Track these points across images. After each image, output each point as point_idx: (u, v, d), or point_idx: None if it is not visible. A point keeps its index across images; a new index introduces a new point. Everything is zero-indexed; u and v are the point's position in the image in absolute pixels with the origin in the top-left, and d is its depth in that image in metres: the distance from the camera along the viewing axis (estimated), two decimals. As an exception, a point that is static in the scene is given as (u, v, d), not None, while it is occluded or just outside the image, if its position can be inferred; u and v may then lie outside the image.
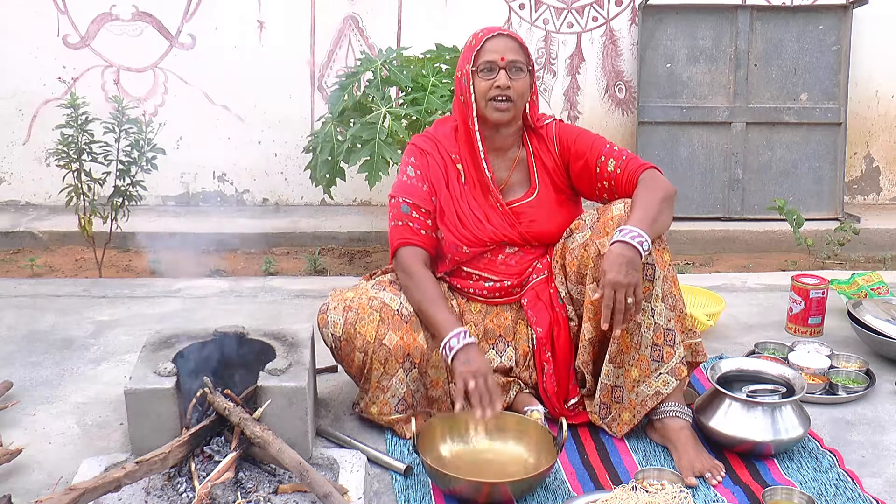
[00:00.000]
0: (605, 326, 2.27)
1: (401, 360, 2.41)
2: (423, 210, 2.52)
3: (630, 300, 2.23)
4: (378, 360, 2.40)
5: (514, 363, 2.59)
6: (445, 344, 2.31)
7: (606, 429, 2.51)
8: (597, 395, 2.50)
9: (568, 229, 2.58)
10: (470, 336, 2.32)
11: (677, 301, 2.43)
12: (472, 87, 2.49)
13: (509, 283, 2.58)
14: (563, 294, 2.56)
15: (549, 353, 2.53)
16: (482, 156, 2.53)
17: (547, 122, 2.62)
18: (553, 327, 2.54)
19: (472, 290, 2.60)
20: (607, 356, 2.45)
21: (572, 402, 2.55)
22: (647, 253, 2.28)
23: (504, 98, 2.47)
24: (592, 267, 2.43)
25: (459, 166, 2.56)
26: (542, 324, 2.54)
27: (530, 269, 2.59)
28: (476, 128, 2.52)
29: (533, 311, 2.56)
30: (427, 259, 2.51)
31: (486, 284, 2.58)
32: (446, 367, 2.37)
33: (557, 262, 2.57)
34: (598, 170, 2.53)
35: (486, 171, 2.54)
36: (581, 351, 2.50)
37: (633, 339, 2.41)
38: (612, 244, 2.28)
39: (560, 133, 2.60)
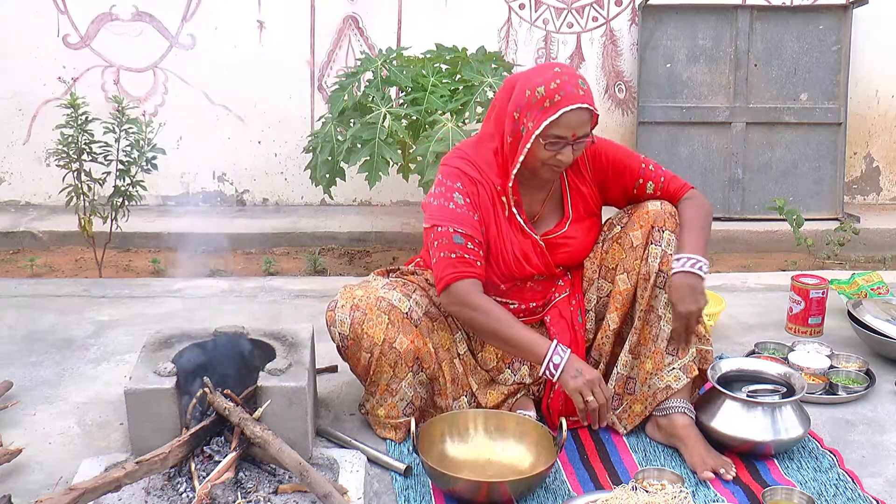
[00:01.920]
0: (683, 352, 2.40)
1: (410, 363, 2.41)
2: (477, 241, 2.36)
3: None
4: (388, 362, 2.40)
5: (527, 380, 2.58)
6: (548, 363, 2.27)
7: (617, 422, 2.52)
8: (611, 386, 2.50)
9: (601, 237, 2.57)
10: (565, 348, 2.29)
11: None
12: (527, 145, 2.31)
13: (534, 304, 2.56)
14: (592, 301, 2.56)
15: None
16: (515, 209, 2.45)
17: None
18: (571, 345, 2.51)
19: None
20: (627, 346, 2.47)
21: (576, 417, 2.54)
22: (707, 272, 2.35)
23: (564, 167, 2.39)
24: (625, 258, 2.46)
25: (504, 199, 2.44)
26: (562, 341, 2.48)
27: (553, 289, 2.58)
28: (512, 183, 2.40)
29: (556, 328, 2.53)
30: (482, 290, 2.38)
31: (511, 307, 2.53)
32: (549, 382, 2.44)
33: (595, 269, 2.57)
34: (635, 191, 2.52)
35: (519, 216, 2.45)
36: (604, 342, 2.53)
37: (652, 332, 2.43)
38: (673, 275, 2.35)
39: (591, 152, 2.51)
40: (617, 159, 2.51)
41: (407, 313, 2.40)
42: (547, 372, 2.28)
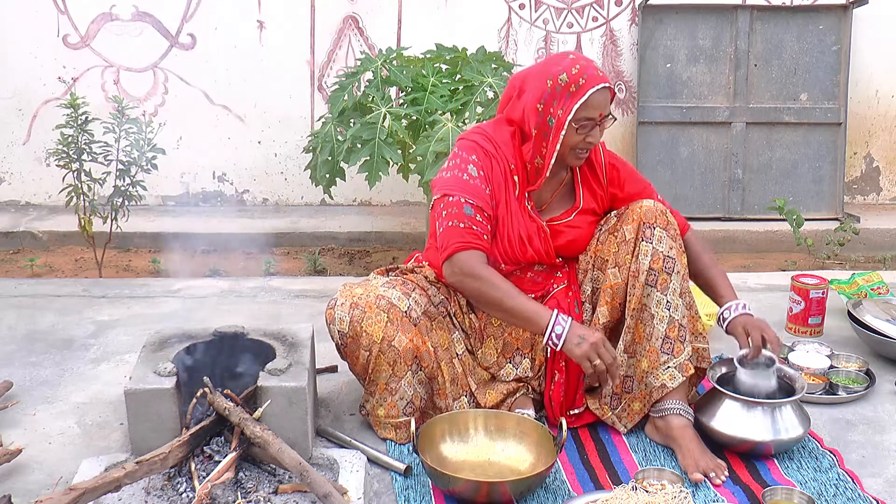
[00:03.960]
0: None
1: (409, 362, 2.41)
2: (486, 214, 2.38)
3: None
4: (387, 361, 2.40)
5: (529, 374, 2.58)
6: (550, 333, 2.28)
7: (616, 420, 2.52)
8: (607, 388, 2.50)
9: (598, 228, 2.58)
10: (566, 317, 2.30)
11: (692, 301, 2.51)
12: (562, 132, 2.36)
13: (533, 295, 2.55)
14: (587, 292, 2.57)
15: (564, 363, 2.53)
16: (527, 202, 2.49)
17: None
18: None
19: None
20: (622, 345, 2.47)
21: (576, 411, 2.55)
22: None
23: (591, 148, 2.42)
24: (617, 252, 2.47)
25: (516, 178, 2.47)
26: None
27: (552, 280, 2.59)
28: (548, 173, 2.44)
29: None
30: (486, 262, 2.40)
31: None
32: (552, 351, 2.45)
33: (590, 259, 2.57)
34: None
35: (527, 202, 2.49)
36: None
37: (646, 330, 2.43)
38: (733, 319, 2.50)
39: (609, 167, 2.57)
40: (630, 179, 2.58)
41: (406, 312, 2.40)
42: (550, 342, 2.29)
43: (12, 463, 2.32)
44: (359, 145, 3.81)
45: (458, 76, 3.92)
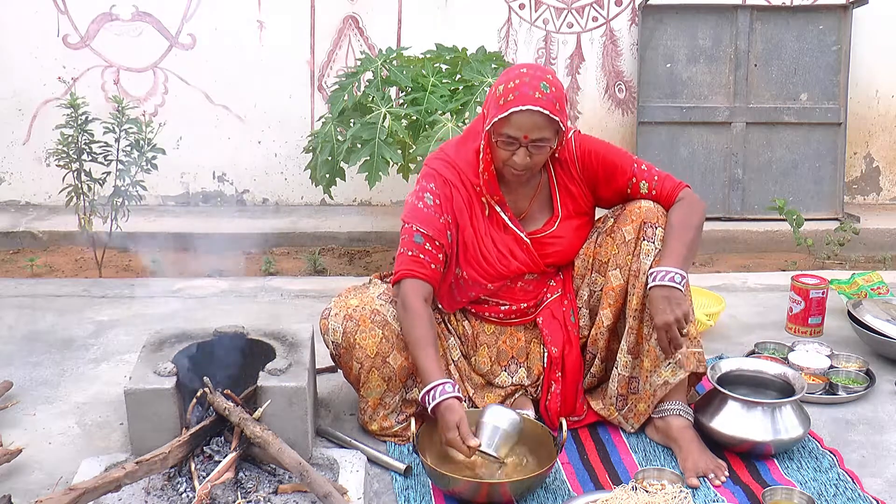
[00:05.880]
0: (669, 357, 2.40)
1: (404, 379, 2.43)
2: (437, 243, 2.38)
3: (684, 329, 2.32)
4: (381, 377, 2.40)
5: (525, 382, 2.58)
6: (424, 395, 2.24)
7: (623, 420, 2.52)
8: (614, 387, 2.51)
9: (594, 231, 2.56)
10: (450, 389, 2.21)
11: (691, 303, 2.48)
12: (490, 140, 2.34)
13: (525, 305, 2.56)
14: (584, 297, 2.55)
15: (560, 373, 2.53)
16: (498, 207, 2.45)
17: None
18: (565, 346, 2.53)
19: (487, 314, 2.57)
20: (625, 347, 2.47)
21: (576, 418, 2.55)
22: (684, 281, 2.33)
23: (520, 169, 2.35)
24: (617, 254, 2.45)
25: (484, 199, 2.44)
26: (556, 343, 2.53)
27: (545, 289, 2.58)
28: (484, 179, 2.40)
29: (548, 329, 2.54)
30: (430, 295, 2.39)
31: (503, 308, 2.55)
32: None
33: (588, 263, 2.55)
34: (629, 191, 2.48)
35: (503, 213, 2.45)
36: (598, 338, 2.52)
37: (646, 330, 2.43)
38: (650, 289, 2.34)
39: (581, 152, 2.46)
40: (608, 159, 2.47)
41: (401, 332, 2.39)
42: (423, 401, 2.24)
43: (12, 463, 2.32)
44: (359, 145, 3.81)
45: (458, 76, 3.92)
